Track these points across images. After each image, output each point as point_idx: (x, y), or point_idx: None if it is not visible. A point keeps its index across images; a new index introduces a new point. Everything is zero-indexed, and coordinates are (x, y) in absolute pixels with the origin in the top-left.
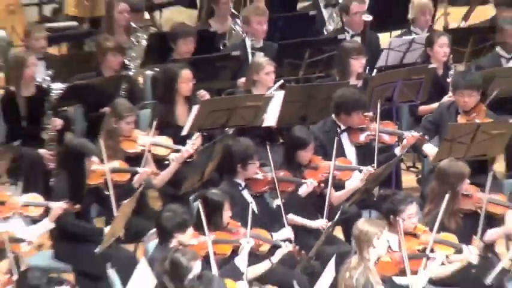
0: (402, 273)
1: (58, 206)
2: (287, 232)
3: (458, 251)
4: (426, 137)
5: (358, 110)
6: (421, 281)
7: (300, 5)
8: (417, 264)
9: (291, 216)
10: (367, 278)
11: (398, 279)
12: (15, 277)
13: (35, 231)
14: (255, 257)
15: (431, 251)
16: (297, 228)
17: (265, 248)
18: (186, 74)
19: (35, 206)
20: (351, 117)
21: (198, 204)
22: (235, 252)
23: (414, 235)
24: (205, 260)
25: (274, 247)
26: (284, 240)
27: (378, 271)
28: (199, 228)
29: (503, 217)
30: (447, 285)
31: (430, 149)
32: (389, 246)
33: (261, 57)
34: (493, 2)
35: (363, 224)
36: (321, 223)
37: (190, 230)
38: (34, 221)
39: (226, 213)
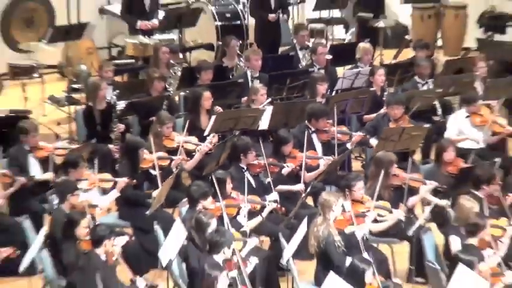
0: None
1: (122, 180)
2: (274, 195)
3: (390, 213)
4: (368, 136)
5: (323, 117)
6: (361, 230)
7: (282, 49)
8: (361, 220)
9: (278, 187)
10: (328, 231)
11: (347, 229)
12: None
13: (106, 199)
14: (251, 215)
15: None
16: (281, 198)
17: (258, 207)
18: (207, 94)
19: (107, 181)
20: (318, 122)
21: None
22: (238, 212)
23: (361, 202)
24: (220, 219)
25: (264, 207)
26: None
27: (335, 226)
28: (214, 197)
29: (419, 189)
30: (385, 236)
31: (374, 142)
32: (344, 209)
33: (257, 84)
34: (413, 46)
35: (325, 195)
36: (300, 186)
37: (210, 198)
38: (105, 193)
39: (229, 186)
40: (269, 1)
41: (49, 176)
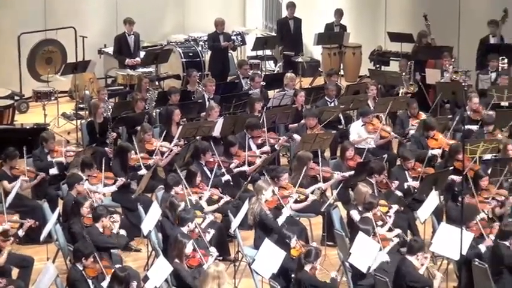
0: (279, 205)
1: (121, 179)
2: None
3: (306, 196)
4: (291, 139)
5: (258, 128)
6: (287, 211)
7: (229, 78)
8: (286, 201)
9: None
10: (261, 208)
11: (284, 210)
12: None
13: (107, 190)
14: (211, 201)
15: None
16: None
17: (216, 197)
18: (177, 111)
19: (110, 179)
20: (253, 132)
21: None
22: (201, 198)
23: (285, 188)
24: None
25: (221, 198)
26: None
27: (266, 205)
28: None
29: (330, 177)
30: (307, 212)
31: (297, 137)
32: (274, 193)
33: (212, 103)
34: (326, 73)
35: (260, 182)
36: (246, 167)
37: (181, 186)
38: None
39: (198, 178)
40: (219, 38)
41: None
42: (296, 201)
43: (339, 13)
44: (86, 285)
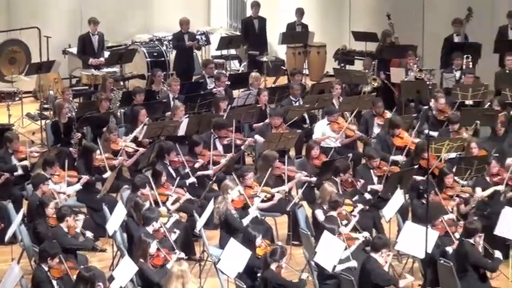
0: (245, 205)
1: (85, 177)
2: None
3: (272, 196)
4: (255, 140)
5: (224, 127)
6: (253, 211)
7: (195, 77)
8: (252, 201)
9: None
10: (226, 207)
11: (250, 210)
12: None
13: (71, 189)
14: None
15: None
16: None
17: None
18: (143, 111)
19: (73, 177)
20: (220, 131)
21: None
22: (167, 199)
23: (251, 187)
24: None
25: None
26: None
27: (232, 205)
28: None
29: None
30: (272, 211)
31: (260, 139)
32: (240, 192)
33: (177, 103)
34: (290, 72)
35: (226, 181)
36: (210, 171)
37: (147, 187)
38: (69, 185)
39: (163, 178)
40: (184, 38)
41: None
42: (262, 201)
43: (299, 12)
44: (50, 286)
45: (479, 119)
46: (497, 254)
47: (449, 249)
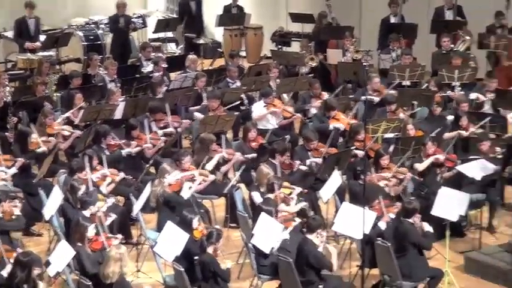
0: (181, 189)
1: (20, 160)
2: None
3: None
4: (192, 120)
5: (160, 111)
6: (187, 190)
7: (130, 60)
8: (190, 182)
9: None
10: (163, 190)
11: (183, 192)
12: None
13: (8, 172)
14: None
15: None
16: (131, 167)
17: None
18: (78, 95)
19: (9, 161)
20: (156, 115)
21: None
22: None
23: (188, 170)
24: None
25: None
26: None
27: (170, 189)
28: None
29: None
30: (209, 194)
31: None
32: (177, 176)
33: (113, 87)
34: (228, 55)
35: (164, 165)
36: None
37: (84, 171)
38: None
39: (95, 162)
40: (119, 21)
41: None
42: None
43: None
44: None
45: (416, 99)
46: (427, 227)
47: (382, 225)
